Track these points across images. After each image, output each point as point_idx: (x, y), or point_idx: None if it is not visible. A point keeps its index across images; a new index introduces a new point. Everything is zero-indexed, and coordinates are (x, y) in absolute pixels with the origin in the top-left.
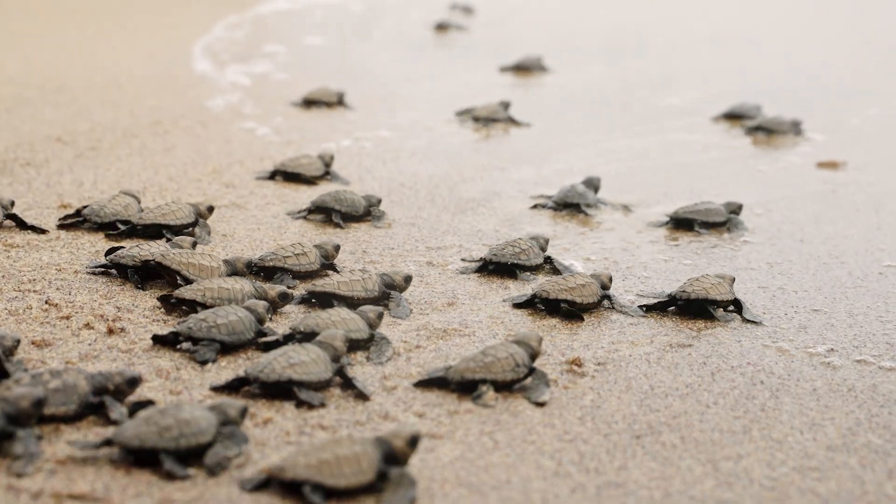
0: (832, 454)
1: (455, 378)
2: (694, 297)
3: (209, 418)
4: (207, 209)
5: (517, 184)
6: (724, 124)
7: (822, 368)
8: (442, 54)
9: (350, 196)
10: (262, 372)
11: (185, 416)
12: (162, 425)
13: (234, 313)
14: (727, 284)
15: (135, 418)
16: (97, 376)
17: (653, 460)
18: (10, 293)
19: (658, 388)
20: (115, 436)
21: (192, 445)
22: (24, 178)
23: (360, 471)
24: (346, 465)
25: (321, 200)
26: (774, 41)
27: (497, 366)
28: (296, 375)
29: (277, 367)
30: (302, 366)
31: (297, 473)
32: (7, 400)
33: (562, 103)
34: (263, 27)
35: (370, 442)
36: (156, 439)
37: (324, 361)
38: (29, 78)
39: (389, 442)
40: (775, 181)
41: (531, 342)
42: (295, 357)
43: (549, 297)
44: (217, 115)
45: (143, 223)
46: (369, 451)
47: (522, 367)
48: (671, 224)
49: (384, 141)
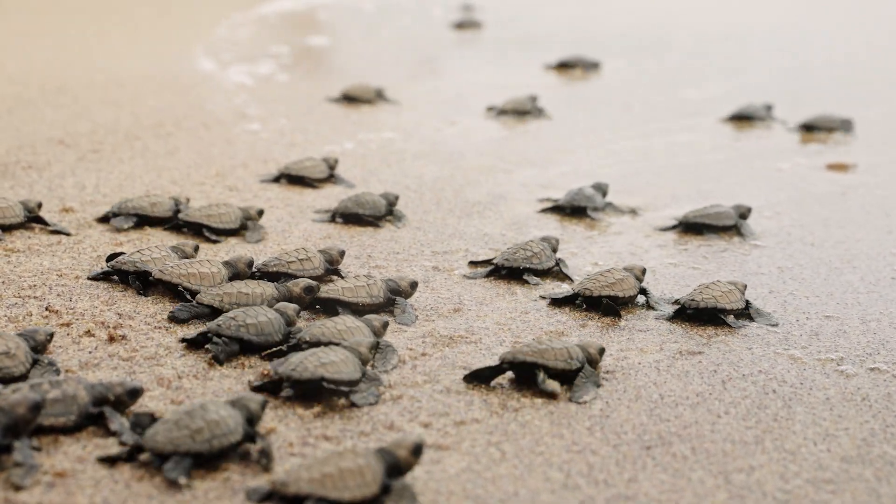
0: (847, 466)
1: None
2: (703, 305)
3: (235, 416)
4: (257, 212)
5: (523, 186)
6: (733, 125)
7: (836, 377)
8: (449, 53)
9: (370, 198)
10: (295, 370)
11: (213, 416)
12: (193, 428)
13: (265, 314)
14: (738, 292)
15: (162, 422)
16: (97, 386)
17: (663, 472)
18: (11, 299)
19: (668, 396)
20: (146, 441)
21: (224, 446)
22: (25, 181)
23: (364, 483)
24: (350, 478)
25: (343, 207)
26: (788, 35)
27: (550, 353)
28: (328, 374)
29: (310, 365)
30: (333, 365)
31: (301, 488)
32: (3, 409)
33: (569, 103)
34: (267, 27)
35: (373, 454)
36: (189, 443)
37: (353, 362)
38: (29, 78)
39: (393, 452)
40: (784, 183)
41: (589, 348)
42: (325, 357)
43: (593, 294)
44: (220, 116)
45: (186, 220)
46: (373, 464)
47: (575, 360)
48: (680, 228)
49: (389, 142)
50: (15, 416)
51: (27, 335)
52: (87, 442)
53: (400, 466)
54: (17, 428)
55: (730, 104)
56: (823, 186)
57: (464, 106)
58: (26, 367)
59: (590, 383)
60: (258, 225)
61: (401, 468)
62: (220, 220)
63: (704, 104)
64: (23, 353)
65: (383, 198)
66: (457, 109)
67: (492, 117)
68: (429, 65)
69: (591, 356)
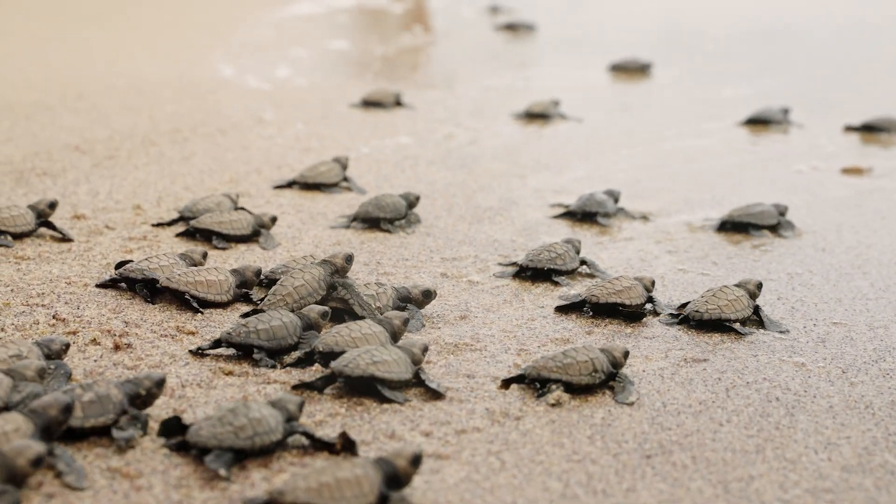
0: (847, 475)
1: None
2: (707, 317)
3: (276, 416)
4: (270, 219)
5: (535, 192)
6: (749, 129)
7: (840, 384)
8: (469, 56)
9: (390, 200)
10: (347, 367)
11: (255, 415)
12: (237, 425)
13: (279, 318)
14: (746, 298)
15: (206, 418)
16: (127, 384)
17: (662, 481)
18: (19, 307)
19: (671, 405)
20: (191, 436)
21: (266, 444)
22: (39, 188)
23: (361, 494)
24: (347, 488)
25: (364, 211)
26: (816, 34)
27: (574, 368)
28: (379, 373)
29: (362, 363)
30: (385, 364)
31: (297, 497)
32: (36, 411)
33: (585, 106)
34: (287, 31)
35: (371, 464)
36: (232, 439)
37: (405, 362)
38: (50, 84)
39: (392, 462)
40: (798, 188)
41: (614, 352)
42: (378, 355)
43: (600, 300)
44: (236, 121)
45: (198, 227)
46: (370, 474)
47: (600, 373)
48: (723, 227)
49: (403, 147)
50: (48, 417)
51: (43, 343)
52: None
53: (399, 477)
54: (50, 429)
55: (753, 106)
56: (838, 191)
57: (484, 110)
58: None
59: (627, 383)
60: (269, 233)
61: (400, 479)
62: (231, 227)
63: (726, 106)
64: (36, 357)
65: (403, 198)
66: (475, 114)
67: (513, 121)
68: (449, 68)
69: (617, 360)
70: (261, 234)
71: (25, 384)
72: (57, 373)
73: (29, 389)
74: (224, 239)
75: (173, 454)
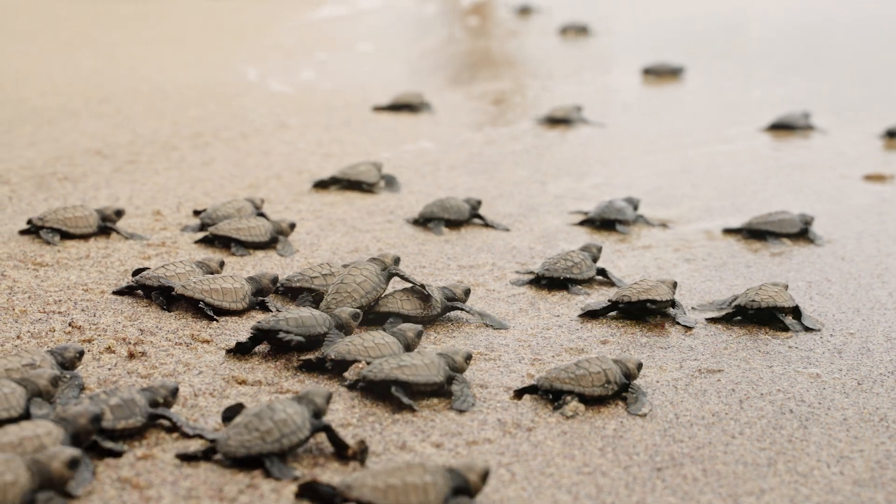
0: (858, 489)
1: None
2: (763, 305)
3: (302, 413)
4: (289, 226)
5: (556, 198)
6: (772, 134)
7: (855, 396)
8: (491, 59)
9: (455, 202)
10: (371, 371)
11: (280, 416)
12: (263, 430)
13: (309, 311)
14: (788, 293)
15: (233, 425)
16: (146, 391)
17: (672, 495)
18: (35, 314)
19: (683, 416)
20: (219, 445)
21: (294, 444)
22: (60, 192)
23: (426, 501)
24: (414, 493)
25: (429, 211)
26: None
27: (587, 379)
28: (402, 376)
29: (386, 367)
30: (412, 368)
31: (363, 495)
32: (66, 419)
33: (611, 111)
34: (313, 34)
35: (442, 472)
36: (260, 445)
37: (436, 366)
38: (74, 88)
39: (464, 475)
40: (820, 195)
41: (628, 363)
42: (406, 360)
43: (632, 299)
44: (259, 126)
45: (217, 234)
46: (439, 483)
47: (613, 385)
48: (745, 234)
49: (424, 153)
50: (78, 426)
51: (56, 351)
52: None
53: (469, 490)
54: (79, 438)
55: (779, 109)
56: (861, 198)
57: (506, 114)
58: None
59: (640, 394)
60: (287, 240)
61: (469, 492)
62: (249, 234)
63: (751, 110)
64: (49, 367)
65: (466, 202)
66: (498, 118)
67: (536, 126)
68: (467, 72)
69: (630, 371)
70: (278, 241)
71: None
72: (71, 384)
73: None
74: (242, 246)
75: (183, 465)
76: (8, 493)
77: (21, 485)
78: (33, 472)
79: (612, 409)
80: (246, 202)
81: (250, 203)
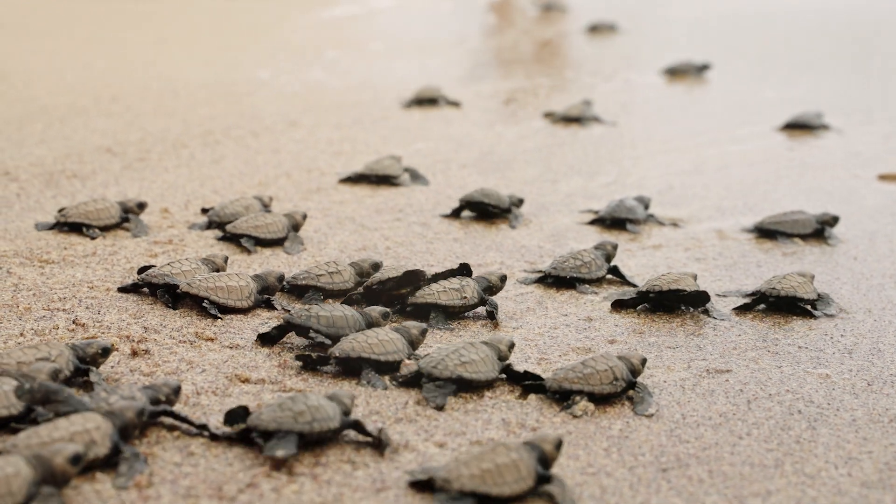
0: (866, 491)
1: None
2: (783, 294)
3: (333, 406)
4: (302, 217)
5: (566, 197)
6: (786, 134)
7: (865, 397)
8: (495, 58)
9: (495, 192)
10: (436, 368)
11: (314, 402)
12: (296, 410)
13: (341, 310)
14: (811, 285)
15: (266, 405)
16: (148, 390)
17: (677, 496)
18: (40, 312)
19: (690, 416)
20: (252, 421)
21: (324, 430)
22: (69, 190)
23: (520, 478)
24: (508, 472)
25: (470, 196)
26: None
27: (595, 378)
28: (466, 374)
29: (450, 363)
30: (472, 364)
31: (464, 485)
32: (115, 413)
33: (626, 110)
34: (325, 33)
35: (524, 448)
36: (291, 423)
37: (491, 361)
38: (86, 86)
39: (540, 446)
40: (833, 196)
41: (632, 359)
42: (466, 355)
43: (663, 289)
44: (269, 124)
45: (234, 233)
46: (525, 458)
47: (620, 381)
48: (757, 234)
49: (435, 151)
50: (125, 419)
51: (78, 346)
52: None
53: (546, 461)
54: (127, 431)
55: (795, 108)
56: (874, 198)
57: (518, 113)
58: (66, 374)
59: (647, 394)
60: (297, 236)
61: (547, 462)
62: (267, 231)
63: (766, 109)
64: (65, 361)
65: (507, 197)
66: (510, 116)
67: (548, 125)
68: (479, 70)
69: (635, 367)
70: (287, 237)
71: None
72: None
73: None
74: (260, 244)
75: (183, 464)
76: (9, 487)
77: (22, 479)
78: (35, 467)
79: (618, 409)
80: (254, 200)
81: (258, 201)
